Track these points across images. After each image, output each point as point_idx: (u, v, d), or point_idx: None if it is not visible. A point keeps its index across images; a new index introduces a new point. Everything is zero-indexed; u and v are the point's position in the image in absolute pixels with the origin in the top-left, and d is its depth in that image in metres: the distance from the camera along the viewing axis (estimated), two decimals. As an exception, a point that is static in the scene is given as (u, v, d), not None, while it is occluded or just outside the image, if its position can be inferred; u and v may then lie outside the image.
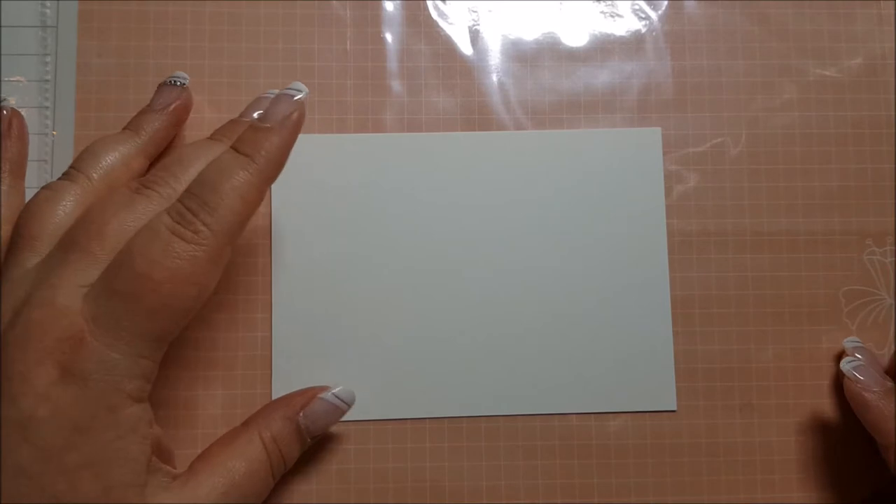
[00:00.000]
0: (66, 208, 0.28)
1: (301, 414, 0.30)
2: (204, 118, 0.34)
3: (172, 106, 0.32)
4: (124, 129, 0.32)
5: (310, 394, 0.31)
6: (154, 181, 0.28)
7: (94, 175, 0.29)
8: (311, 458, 0.32)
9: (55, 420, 0.24)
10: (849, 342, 0.33)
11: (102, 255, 0.26)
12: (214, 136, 0.31)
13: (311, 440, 0.31)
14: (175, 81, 0.33)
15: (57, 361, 0.24)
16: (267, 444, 0.29)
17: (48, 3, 0.34)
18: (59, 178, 0.29)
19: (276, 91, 0.30)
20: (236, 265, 0.33)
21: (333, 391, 0.31)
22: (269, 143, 0.27)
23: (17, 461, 0.24)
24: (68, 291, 0.25)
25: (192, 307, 0.26)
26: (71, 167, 0.30)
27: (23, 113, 0.33)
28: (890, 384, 0.31)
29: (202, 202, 0.26)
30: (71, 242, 0.26)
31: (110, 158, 0.30)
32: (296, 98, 0.28)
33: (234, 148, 0.27)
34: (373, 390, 0.33)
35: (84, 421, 0.24)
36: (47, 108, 0.34)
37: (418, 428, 0.33)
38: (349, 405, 0.32)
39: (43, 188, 0.29)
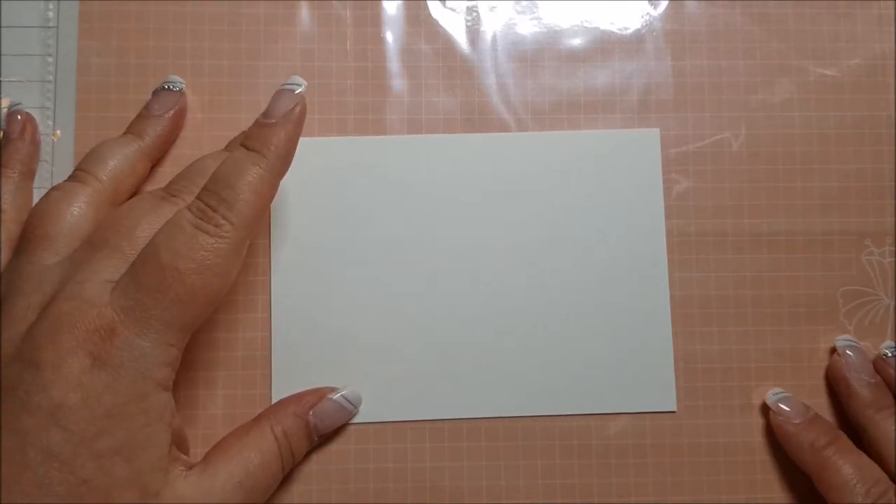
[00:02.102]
0: (79, 208, 0.29)
1: (310, 412, 0.31)
2: (204, 118, 0.34)
3: (171, 111, 0.33)
4: (126, 132, 0.32)
5: (319, 394, 0.32)
6: (179, 190, 0.29)
7: (103, 177, 0.30)
8: (311, 458, 0.32)
9: (87, 406, 0.24)
10: (841, 340, 0.34)
11: (131, 253, 0.27)
12: (230, 148, 0.32)
13: (318, 438, 0.32)
14: (172, 86, 0.33)
15: (89, 351, 0.25)
16: (279, 438, 0.30)
17: (50, 4, 0.34)
18: (68, 180, 0.30)
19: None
20: (237, 265, 0.33)
21: (342, 392, 0.32)
22: (276, 139, 0.28)
23: (47, 446, 0.24)
24: (96, 286, 0.26)
25: (218, 296, 0.27)
26: (78, 169, 0.30)
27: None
28: (812, 414, 0.32)
29: (220, 198, 0.27)
30: (100, 241, 0.27)
31: (116, 161, 0.31)
32: (296, 92, 0.29)
33: (244, 145, 0.28)
34: (373, 391, 0.33)
35: (116, 408, 0.25)
36: (48, 108, 0.34)
37: (418, 428, 0.33)
38: (356, 407, 0.32)
39: (52, 189, 0.30)
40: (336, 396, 0.32)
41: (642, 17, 0.36)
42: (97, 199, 0.30)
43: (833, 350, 0.34)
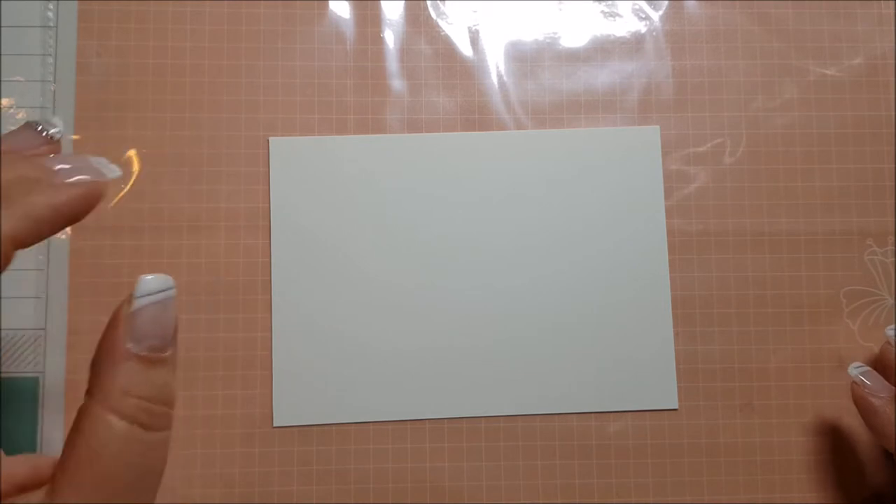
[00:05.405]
0: None
1: (128, 343, 0.20)
2: (204, 118, 0.34)
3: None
4: None
5: (118, 310, 0.21)
6: None
7: None
8: (311, 458, 0.32)
9: None
10: (853, 369, 0.32)
11: None
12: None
13: (169, 352, 0.21)
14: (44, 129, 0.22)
15: None
16: (118, 413, 0.20)
17: (50, 4, 0.34)
18: None
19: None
20: (236, 265, 0.33)
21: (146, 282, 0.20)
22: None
23: None
24: None
25: None
26: None
27: (23, 113, 0.33)
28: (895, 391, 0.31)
29: None
30: None
31: None
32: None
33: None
34: (373, 391, 0.33)
35: None
36: (48, 108, 0.34)
37: (418, 428, 0.33)
38: (162, 288, 0.21)
39: None
40: (139, 302, 0.20)
41: (642, 17, 0.36)
42: None
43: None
